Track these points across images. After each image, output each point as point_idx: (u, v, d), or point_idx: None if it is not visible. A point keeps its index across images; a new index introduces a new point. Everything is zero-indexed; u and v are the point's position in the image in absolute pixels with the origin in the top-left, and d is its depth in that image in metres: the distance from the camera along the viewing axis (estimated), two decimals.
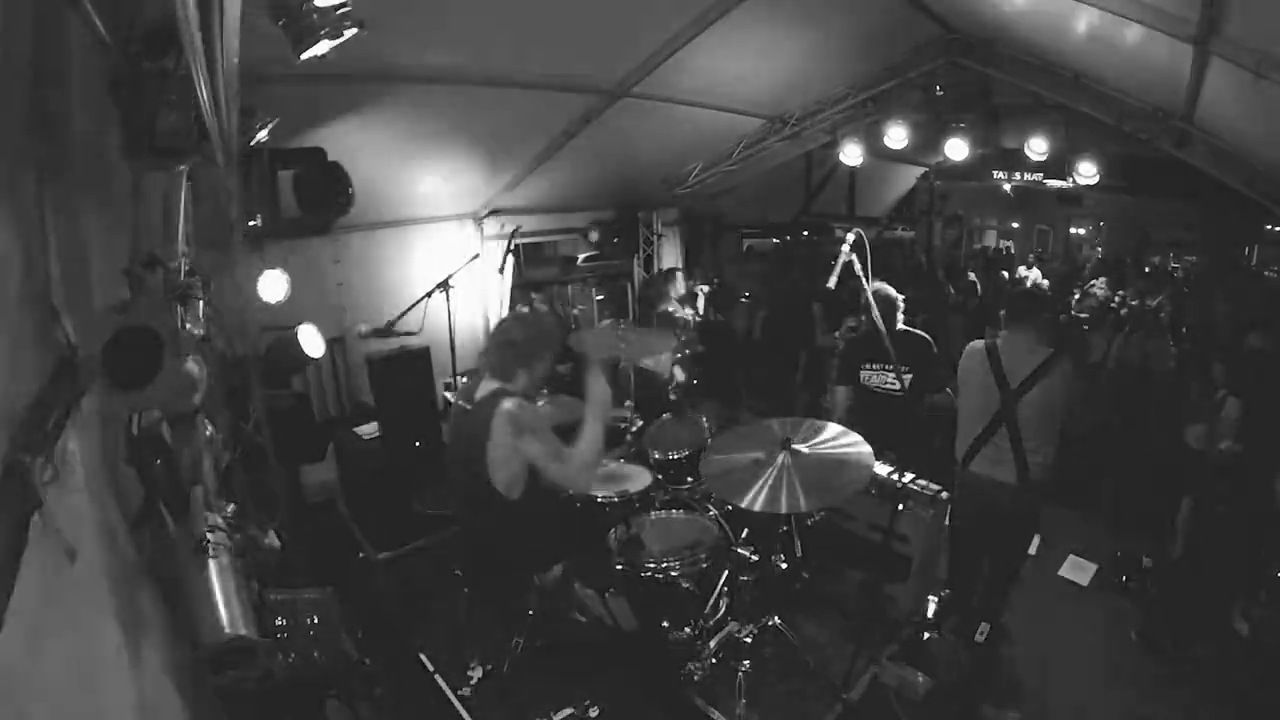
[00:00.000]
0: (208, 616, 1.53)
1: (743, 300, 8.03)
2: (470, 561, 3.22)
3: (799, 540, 3.41)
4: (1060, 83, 4.70)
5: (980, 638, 3.09)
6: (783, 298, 7.58)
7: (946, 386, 3.78)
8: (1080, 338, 6.45)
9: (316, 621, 1.93)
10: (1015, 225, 14.60)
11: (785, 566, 3.22)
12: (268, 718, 1.98)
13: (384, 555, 4.22)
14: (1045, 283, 8.61)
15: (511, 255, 5.81)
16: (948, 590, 3.41)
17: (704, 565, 3.11)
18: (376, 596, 3.87)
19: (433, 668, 3.19)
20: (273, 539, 2.25)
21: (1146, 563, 4.14)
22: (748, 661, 2.94)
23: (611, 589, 2.85)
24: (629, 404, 4.28)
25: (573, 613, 2.74)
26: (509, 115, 4.63)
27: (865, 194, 10.29)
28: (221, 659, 1.53)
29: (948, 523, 3.50)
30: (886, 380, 3.99)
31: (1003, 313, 3.57)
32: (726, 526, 3.37)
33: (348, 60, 2.43)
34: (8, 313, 1.16)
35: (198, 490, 1.76)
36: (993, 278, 9.15)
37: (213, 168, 1.99)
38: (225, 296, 3.05)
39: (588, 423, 2.61)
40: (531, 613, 2.71)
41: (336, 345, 5.05)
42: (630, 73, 4.50)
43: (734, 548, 3.17)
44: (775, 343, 7.20)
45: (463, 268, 4.84)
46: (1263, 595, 3.55)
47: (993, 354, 3.24)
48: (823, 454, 2.82)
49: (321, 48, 1.79)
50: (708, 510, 3.49)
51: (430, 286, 4.62)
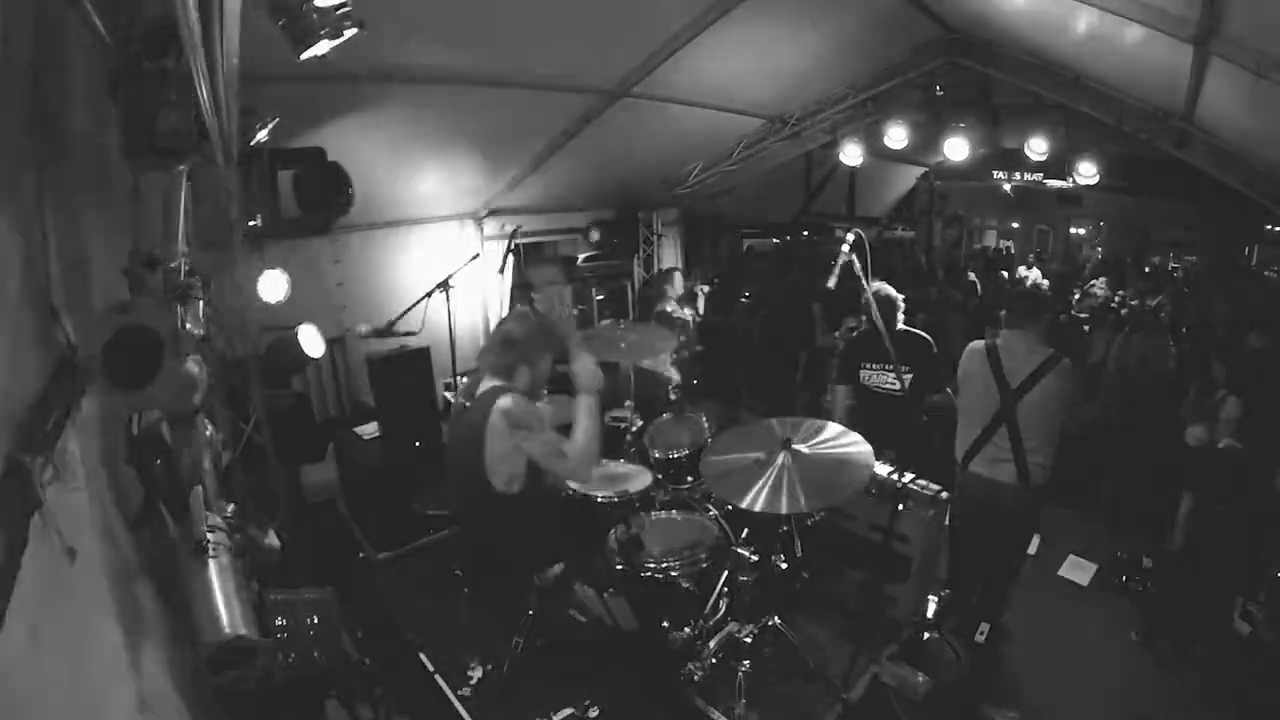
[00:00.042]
0: (208, 616, 1.53)
1: (743, 300, 8.03)
2: (470, 561, 3.22)
3: (799, 540, 3.41)
4: (1060, 83, 4.70)
5: (980, 638, 3.10)
6: (783, 298, 7.58)
7: (946, 386, 3.78)
8: (1080, 338, 6.45)
9: (316, 621, 1.93)
10: (1015, 225, 14.60)
11: (785, 566, 3.22)
12: (268, 718, 1.98)
13: (384, 555, 4.22)
14: (1045, 283, 8.60)
15: (511, 255, 5.81)
16: (948, 590, 3.41)
17: (704, 565, 3.11)
18: (376, 596, 3.87)
19: (433, 668, 3.19)
20: (273, 539, 2.25)
21: (1146, 563, 4.14)
22: (748, 661, 2.94)
23: (611, 589, 2.85)
24: (629, 404, 4.28)
25: (572, 613, 2.74)
26: (509, 115, 4.63)
27: (865, 194, 10.29)
28: (221, 659, 1.53)
29: (948, 523, 3.51)
30: (886, 380, 3.99)
31: (1003, 313, 3.57)
32: (726, 526, 3.37)
33: (348, 60, 2.43)
34: (8, 313, 1.16)
35: (198, 490, 1.76)
36: (992, 278, 9.15)
37: (213, 168, 1.99)
38: (225, 296, 3.06)
39: (580, 410, 2.61)
40: (531, 613, 2.72)
41: (336, 345, 5.06)
42: (630, 73, 4.50)
43: (734, 548, 3.16)
44: (775, 343, 7.20)
45: (463, 268, 4.84)
46: (1263, 595, 3.55)
47: (993, 354, 3.24)
48: (823, 454, 2.82)
49: (321, 48, 1.79)
50: (708, 510, 3.50)
51: (430, 286, 4.62)
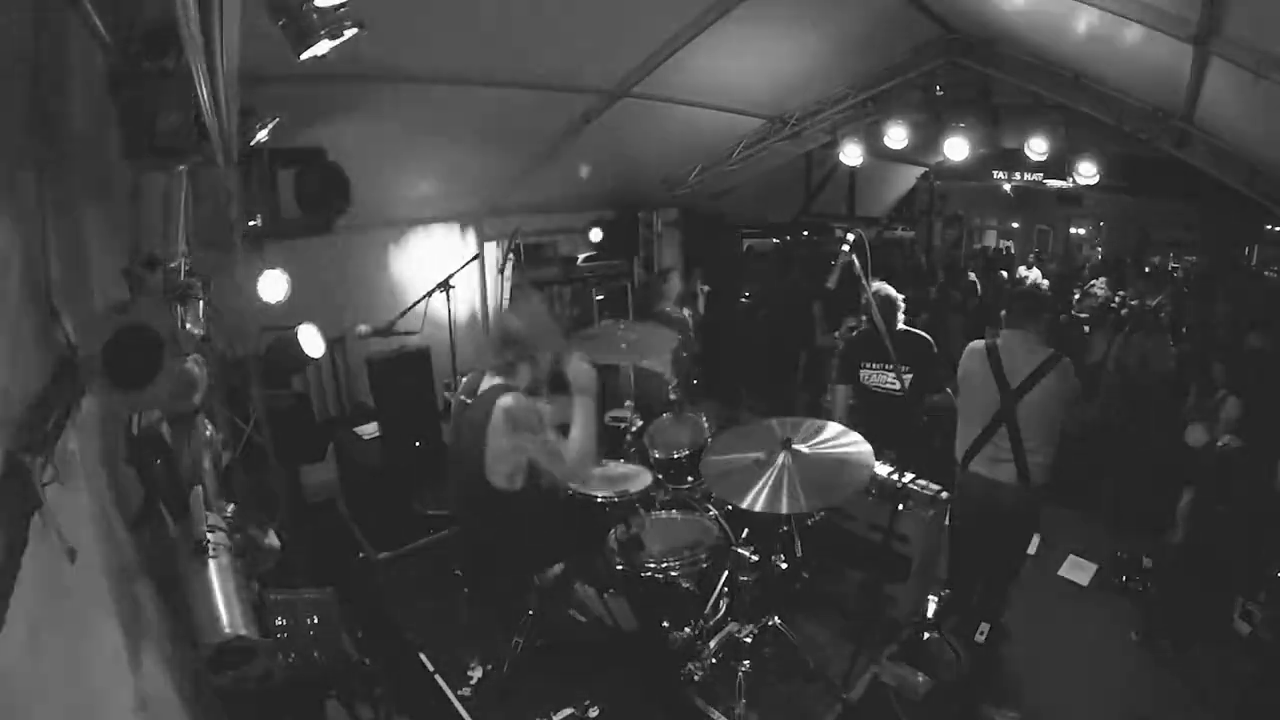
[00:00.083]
0: (208, 616, 1.53)
1: (743, 300, 8.02)
2: (470, 561, 3.21)
3: (799, 540, 3.41)
4: (1060, 83, 4.70)
5: (980, 638, 3.10)
6: (783, 298, 7.58)
7: (946, 386, 3.78)
8: (1080, 338, 6.45)
9: (316, 621, 1.93)
10: (1015, 225, 14.60)
11: (785, 566, 3.22)
12: (268, 718, 1.98)
13: (384, 555, 4.22)
14: (1045, 283, 8.60)
15: (512, 255, 5.81)
16: (948, 590, 3.41)
17: (704, 565, 3.11)
18: (376, 596, 3.87)
19: (433, 668, 3.19)
20: (273, 539, 2.25)
21: (1146, 563, 4.14)
22: (748, 661, 2.94)
23: (611, 589, 2.85)
24: (629, 404, 4.28)
25: (572, 613, 2.74)
26: (509, 115, 4.63)
27: (865, 194, 10.26)
28: (221, 659, 1.53)
29: (948, 523, 3.51)
30: (886, 380, 3.99)
31: (1003, 313, 3.57)
32: (726, 526, 3.36)
33: (348, 60, 2.43)
34: (8, 313, 1.16)
35: (198, 490, 1.76)
36: (992, 278, 9.15)
37: (213, 168, 1.99)
38: (225, 296, 3.05)
39: (577, 412, 2.59)
40: (531, 613, 2.71)
41: (336, 345, 5.05)
42: (630, 73, 4.50)
43: (734, 548, 3.16)
44: (775, 343, 7.20)
45: (463, 268, 4.84)
46: (1263, 595, 3.55)
47: (993, 354, 3.24)
48: (823, 454, 2.82)
49: (321, 48, 1.79)
50: (708, 510, 3.50)
51: (430, 286, 4.62)
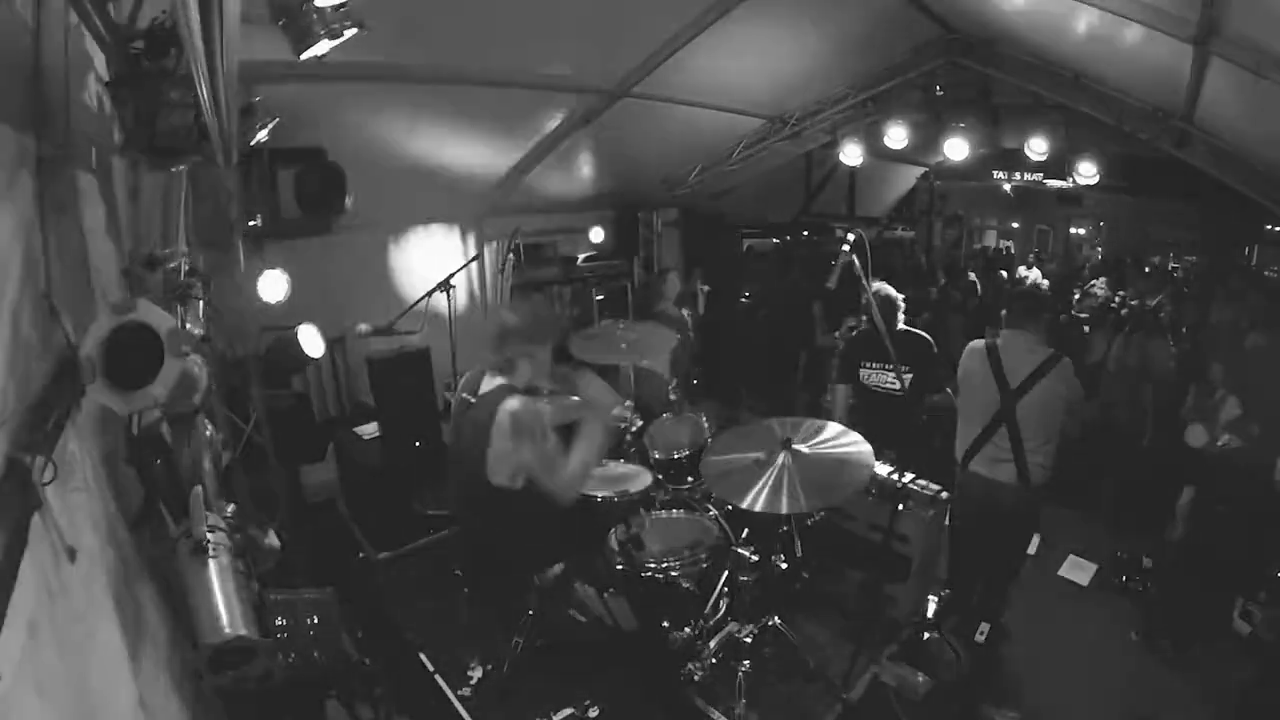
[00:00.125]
0: (208, 616, 1.53)
1: (743, 300, 8.01)
2: (470, 561, 3.21)
3: (799, 540, 3.41)
4: (1060, 83, 4.70)
5: (980, 638, 3.10)
6: (783, 298, 7.57)
7: (946, 386, 3.78)
8: (1080, 338, 6.45)
9: (316, 621, 1.92)
10: (1015, 225, 14.59)
11: (785, 566, 3.22)
12: (268, 718, 1.98)
13: (384, 555, 4.21)
14: (1045, 283, 8.60)
15: (512, 255, 5.81)
16: (948, 590, 3.41)
17: (704, 565, 3.11)
18: (376, 596, 3.87)
19: (433, 668, 3.19)
20: (273, 539, 2.25)
21: (1146, 563, 4.14)
22: (748, 661, 2.93)
23: (611, 589, 2.85)
24: (629, 404, 4.28)
25: (572, 613, 2.74)
26: (509, 115, 4.63)
27: (865, 194, 10.26)
28: (221, 659, 1.53)
29: (948, 523, 3.50)
30: (886, 380, 3.99)
31: (1003, 313, 3.57)
32: (726, 526, 3.36)
33: (348, 60, 2.43)
34: (7, 312, 1.16)
35: (198, 490, 1.76)
36: (992, 278, 9.15)
37: (213, 168, 1.99)
38: (225, 296, 3.05)
39: (584, 433, 2.58)
40: (531, 613, 2.71)
41: (336, 345, 5.05)
42: (630, 73, 4.50)
43: (734, 548, 3.16)
44: (775, 343, 7.19)
45: (463, 268, 4.84)
46: (1263, 595, 3.55)
47: (993, 354, 3.24)
48: (823, 454, 2.82)
49: (321, 48, 1.80)
50: (708, 510, 3.49)
51: (430, 286, 4.62)
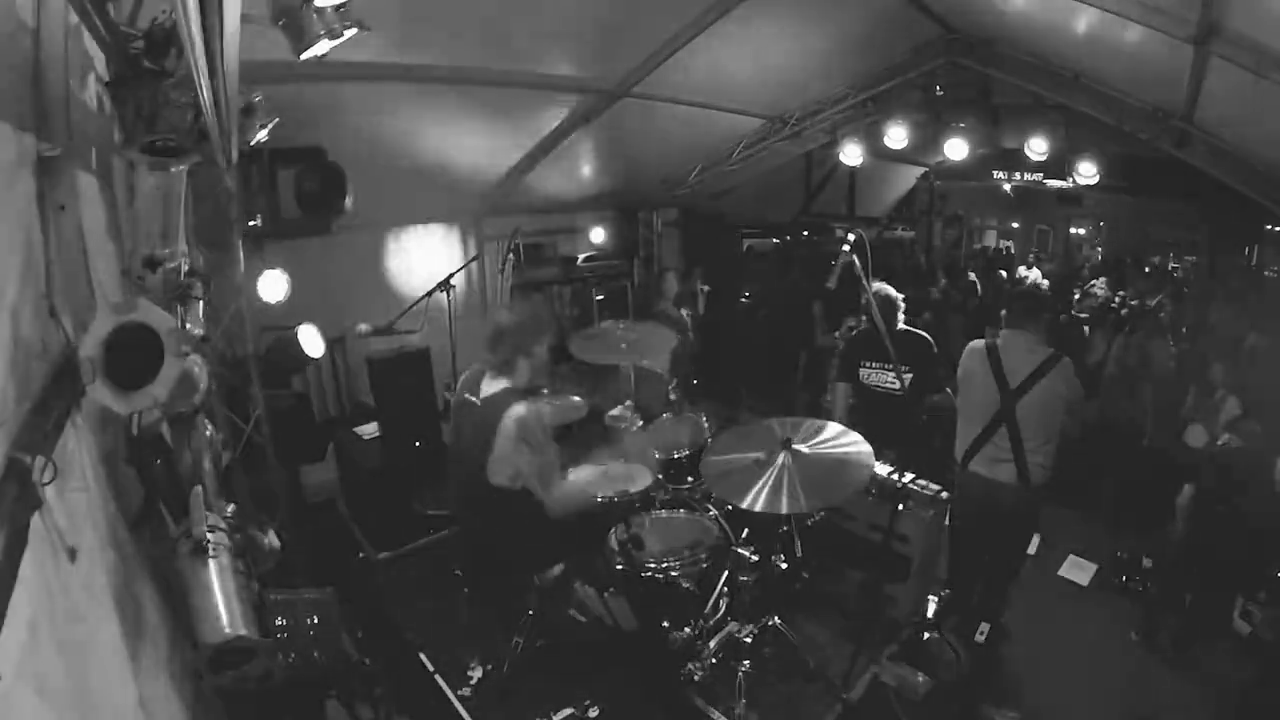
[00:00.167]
0: (208, 616, 1.53)
1: (743, 300, 8.01)
2: (470, 561, 3.22)
3: (799, 540, 3.41)
4: (1060, 83, 4.70)
5: (980, 638, 3.10)
6: (783, 298, 7.57)
7: (946, 386, 3.78)
8: (1080, 338, 6.45)
9: (316, 621, 1.92)
10: (1015, 225, 14.57)
11: (785, 566, 3.22)
12: (268, 718, 1.98)
13: (384, 555, 4.21)
14: (1045, 283, 8.60)
15: (512, 255, 5.81)
16: (948, 590, 3.41)
17: (704, 565, 3.11)
18: (376, 596, 3.87)
19: (433, 668, 3.19)
20: (273, 539, 2.25)
21: (1146, 563, 4.14)
22: (748, 661, 2.93)
23: (611, 589, 2.85)
24: (629, 404, 4.28)
25: (572, 613, 2.74)
26: (509, 115, 4.63)
27: (865, 194, 10.26)
28: (221, 659, 1.53)
29: (948, 523, 3.50)
30: (886, 379, 3.99)
31: (1003, 313, 3.57)
32: (726, 526, 3.36)
33: (348, 60, 2.43)
34: (7, 313, 1.16)
35: (198, 490, 1.76)
36: (992, 278, 9.15)
37: (213, 168, 1.99)
38: (225, 296, 3.06)
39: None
40: (531, 613, 2.72)
41: (336, 345, 5.05)
42: (630, 72, 4.50)
43: (734, 548, 3.16)
44: (775, 343, 7.19)
45: (463, 268, 4.84)
46: (1263, 595, 3.55)
47: (993, 354, 3.24)
48: (823, 454, 2.81)
49: (321, 48, 1.80)
50: (708, 510, 3.49)
51: (430, 286, 4.62)
